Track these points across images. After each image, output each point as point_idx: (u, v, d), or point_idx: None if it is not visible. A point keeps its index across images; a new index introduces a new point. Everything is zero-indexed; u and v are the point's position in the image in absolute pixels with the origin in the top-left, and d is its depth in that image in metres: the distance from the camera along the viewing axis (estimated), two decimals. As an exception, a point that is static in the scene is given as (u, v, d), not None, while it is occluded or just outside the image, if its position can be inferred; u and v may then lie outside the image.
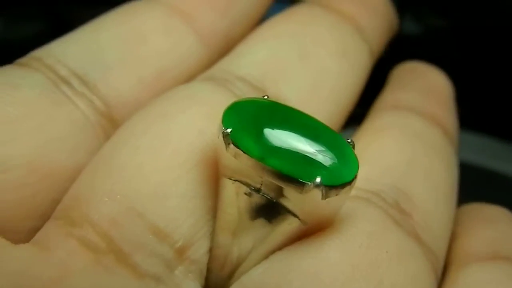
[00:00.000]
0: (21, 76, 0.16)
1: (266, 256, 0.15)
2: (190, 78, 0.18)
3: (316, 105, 0.18)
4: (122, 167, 0.15)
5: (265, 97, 0.15)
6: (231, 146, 0.14)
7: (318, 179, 0.13)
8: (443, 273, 0.17)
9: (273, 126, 0.14)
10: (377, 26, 0.21)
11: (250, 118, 0.14)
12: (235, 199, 0.14)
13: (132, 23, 0.18)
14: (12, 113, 0.15)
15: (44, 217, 0.15)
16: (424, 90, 0.21)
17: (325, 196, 0.13)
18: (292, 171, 0.13)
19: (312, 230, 0.15)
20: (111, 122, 0.17)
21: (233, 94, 0.17)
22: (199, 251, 0.15)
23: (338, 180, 0.13)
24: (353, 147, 0.14)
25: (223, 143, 0.14)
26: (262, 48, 0.19)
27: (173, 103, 0.16)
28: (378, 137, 0.18)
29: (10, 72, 0.16)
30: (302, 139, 0.14)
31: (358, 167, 0.14)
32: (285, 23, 0.20)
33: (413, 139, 0.18)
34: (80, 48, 0.17)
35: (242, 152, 0.13)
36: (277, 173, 0.13)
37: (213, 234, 0.15)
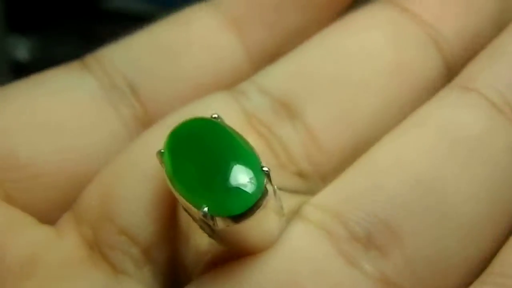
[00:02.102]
0: (79, 78, 0.18)
1: None
2: None
3: (343, 131, 0.17)
4: (107, 176, 0.16)
5: (215, 116, 0.15)
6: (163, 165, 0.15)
7: (205, 209, 0.13)
8: None
9: (193, 149, 0.14)
10: (465, 28, 0.19)
11: (182, 139, 0.15)
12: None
13: (184, 31, 0.19)
14: (59, 117, 0.17)
15: None
16: None
17: (215, 225, 0.14)
18: (188, 196, 0.14)
19: (246, 253, 0.15)
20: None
21: (240, 108, 0.17)
22: (163, 254, 0.16)
23: (225, 212, 0.13)
24: (268, 176, 0.14)
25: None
26: (299, 58, 0.18)
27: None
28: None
29: (71, 72, 0.18)
30: (213, 164, 0.14)
31: (254, 202, 0.13)
32: (339, 30, 0.19)
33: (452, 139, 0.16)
34: (133, 54, 0.19)
35: (164, 172, 0.14)
36: (180, 196, 0.14)
37: (176, 240, 0.16)
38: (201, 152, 0.14)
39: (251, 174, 0.14)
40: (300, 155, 0.17)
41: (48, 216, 0.17)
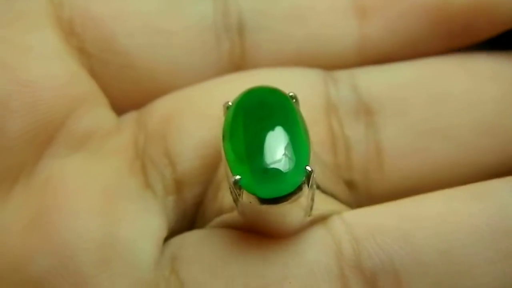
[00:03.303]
0: (200, 3, 0.18)
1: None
2: None
3: (410, 162, 0.17)
4: (180, 99, 0.17)
5: (291, 94, 0.15)
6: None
7: (237, 177, 0.14)
8: None
9: (255, 117, 0.15)
10: None
11: (251, 103, 0.15)
12: None
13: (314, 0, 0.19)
14: (165, 23, 0.18)
15: None
16: None
17: (240, 196, 0.14)
18: (231, 158, 0.14)
19: (259, 231, 0.15)
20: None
21: (326, 93, 0.17)
22: (191, 192, 0.16)
23: (254, 190, 0.14)
24: (309, 176, 0.14)
25: None
26: (407, 75, 0.18)
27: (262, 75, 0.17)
28: None
29: None
30: (266, 140, 0.14)
31: (285, 193, 0.14)
32: (458, 64, 0.18)
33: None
34: None
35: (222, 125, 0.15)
36: (224, 153, 0.14)
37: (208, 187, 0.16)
38: (261, 124, 0.15)
39: (294, 166, 0.14)
40: (359, 165, 0.17)
41: (117, 106, 0.18)
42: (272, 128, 0.14)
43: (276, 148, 0.14)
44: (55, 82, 0.16)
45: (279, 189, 0.14)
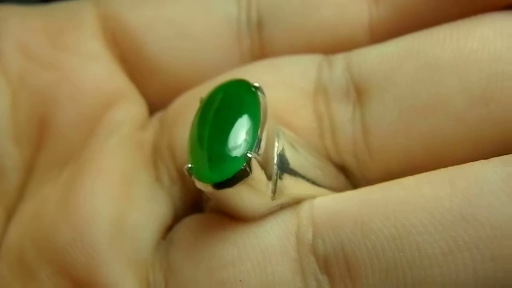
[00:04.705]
0: (226, 3, 0.20)
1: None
2: None
3: (397, 143, 0.16)
4: (188, 97, 0.19)
5: (256, 85, 0.16)
6: None
7: (189, 166, 0.15)
8: None
9: (220, 108, 0.16)
10: None
11: (221, 95, 0.16)
12: None
13: None
14: (191, 26, 0.19)
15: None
16: None
17: (196, 183, 0.15)
18: (190, 146, 0.15)
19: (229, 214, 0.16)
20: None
21: (316, 78, 0.17)
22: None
23: (202, 177, 0.15)
24: (249, 162, 0.14)
25: None
26: (402, 46, 0.17)
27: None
28: None
29: None
30: (220, 130, 0.15)
31: (224, 179, 0.14)
32: (456, 32, 0.16)
33: None
34: None
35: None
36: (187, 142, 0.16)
37: None
38: (222, 115, 0.16)
39: (238, 153, 0.15)
40: (347, 147, 0.17)
41: (151, 106, 0.20)
42: (230, 119, 0.15)
43: (225, 140, 0.15)
44: (98, 83, 0.19)
45: (221, 175, 0.15)
